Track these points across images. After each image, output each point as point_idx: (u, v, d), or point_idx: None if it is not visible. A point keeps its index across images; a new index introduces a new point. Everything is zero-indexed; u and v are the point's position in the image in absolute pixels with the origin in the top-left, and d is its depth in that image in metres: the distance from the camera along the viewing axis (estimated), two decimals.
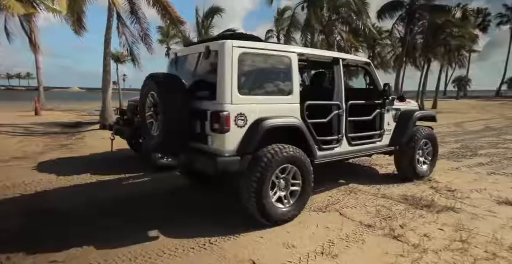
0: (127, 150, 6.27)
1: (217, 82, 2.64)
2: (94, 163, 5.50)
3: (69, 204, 3.41)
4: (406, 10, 15.65)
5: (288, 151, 2.77)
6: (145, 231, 2.72)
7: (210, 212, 3.19)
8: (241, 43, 2.71)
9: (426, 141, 4.19)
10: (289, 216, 2.86)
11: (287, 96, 2.97)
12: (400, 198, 3.47)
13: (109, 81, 10.13)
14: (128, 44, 10.77)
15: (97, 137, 8.44)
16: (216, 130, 2.61)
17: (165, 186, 4.13)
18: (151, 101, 2.98)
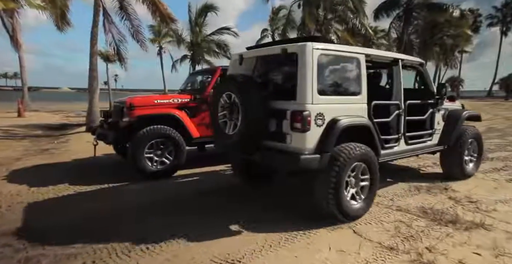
0: (113, 154, 5.79)
1: (298, 83, 2.73)
2: (75, 171, 4.99)
3: (34, 225, 2.92)
4: (403, 9, 15.43)
5: (361, 150, 2.89)
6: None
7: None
8: (319, 45, 2.81)
9: (472, 141, 4.30)
10: (361, 212, 2.97)
11: (356, 96, 3.08)
12: (418, 211, 3.07)
13: (96, 81, 9.57)
14: (115, 42, 10.22)
15: (82, 141, 7.88)
16: (297, 129, 2.71)
17: (157, 197, 3.66)
18: (226, 102, 3.10)
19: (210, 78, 5.14)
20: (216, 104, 3.22)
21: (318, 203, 2.88)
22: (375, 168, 3.02)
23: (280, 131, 2.85)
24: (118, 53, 10.47)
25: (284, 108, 2.80)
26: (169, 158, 4.54)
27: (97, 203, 3.50)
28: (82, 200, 3.62)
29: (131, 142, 4.31)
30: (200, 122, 4.89)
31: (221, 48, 16.09)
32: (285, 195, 3.74)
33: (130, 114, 4.36)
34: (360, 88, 3.08)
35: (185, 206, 3.38)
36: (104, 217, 3.08)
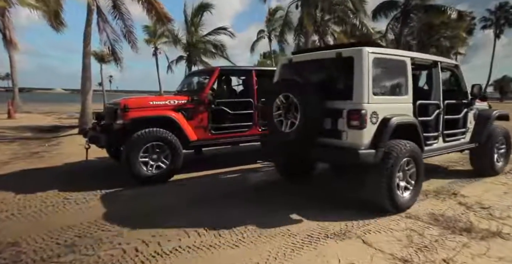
0: (107, 158, 5.57)
1: (355, 84, 2.99)
2: (66, 176, 4.77)
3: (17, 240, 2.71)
4: (400, 10, 15.41)
5: (410, 146, 3.11)
6: None
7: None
8: (373, 50, 3.07)
9: (501, 138, 4.55)
10: (410, 204, 3.20)
11: (404, 96, 3.34)
12: (429, 218, 2.92)
13: (90, 81, 9.33)
14: (110, 42, 9.98)
15: (75, 144, 7.63)
16: (354, 127, 2.95)
17: (148, 208, 3.46)
18: (283, 102, 3.35)
19: (208, 79, 4.96)
20: (272, 105, 3.45)
21: (371, 195, 3.13)
22: (421, 163, 3.26)
23: (335, 129, 3.10)
24: (114, 53, 10.22)
25: (340, 107, 3.06)
26: (165, 162, 4.34)
27: (85, 214, 3.30)
28: (66, 211, 3.40)
29: (125, 146, 4.11)
30: (197, 125, 4.70)
31: (217, 49, 15.89)
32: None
33: (124, 116, 4.16)
34: (407, 88, 3.35)
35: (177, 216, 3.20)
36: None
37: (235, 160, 5.86)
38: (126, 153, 4.08)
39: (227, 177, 4.70)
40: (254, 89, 5.21)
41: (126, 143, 4.11)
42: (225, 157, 6.24)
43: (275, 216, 3.07)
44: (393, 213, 3.03)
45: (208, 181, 4.45)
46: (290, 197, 3.62)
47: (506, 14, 42.32)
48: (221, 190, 4.00)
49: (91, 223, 3.00)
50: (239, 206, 3.40)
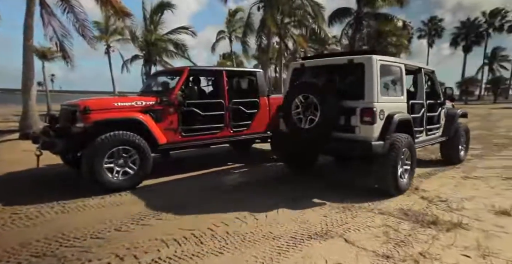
0: (60, 165, 5.03)
1: (366, 86, 3.57)
2: (11, 187, 4.20)
3: None
4: (354, 17, 16.44)
5: (408, 139, 3.75)
6: None
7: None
8: (379, 57, 3.69)
9: (463, 133, 5.42)
10: (406, 187, 3.82)
11: (400, 97, 3.98)
12: (399, 213, 3.13)
13: (32, 80, 8.33)
14: (57, 37, 9.01)
15: (17, 150, 6.79)
16: (366, 122, 3.53)
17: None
18: (302, 102, 3.83)
19: (177, 79, 4.74)
20: (290, 104, 3.93)
21: (377, 181, 3.76)
22: (414, 153, 3.92)
23: (348, 124, 3.67)
24: (62, 50, 9.24)
25: (353, 106, 3.62)
26: (132, 167, 4.06)
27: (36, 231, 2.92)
28: (24, 226, 2.99)
29: (87, 151, 3.75)
30: (167, 127, 4.47)
31: (178, 48, 15.31)
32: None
33: (85, 119, 3.78)
34: (402, 90, 4.01)
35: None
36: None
37: (204, 162, 5.72)
38: (88, 159, 3.72)
39: (198, 180, 4.54)
40: (225, 90, 5.12)
41: (88, 148, 3.75)
42: (194, 159, 6.04)
43: (257, 219, 3.05)
44: (395, 196, 3.63)
45: (179, 186, 4.25)
46: (268, 197, 3.63)
47: (435, 27, 47.88)
48: (194, 195, 3.85)
49: (49, 239, 2.67)
50: (216, 210, 3.30)
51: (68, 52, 9.41)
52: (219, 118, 5.05)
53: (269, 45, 13.96)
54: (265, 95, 5.68)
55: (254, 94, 5.57)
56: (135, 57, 25.21)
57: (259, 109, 5.54)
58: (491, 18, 44.93)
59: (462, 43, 47.87)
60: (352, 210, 3.28)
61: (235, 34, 25.26)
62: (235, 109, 5.21)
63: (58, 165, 5.09)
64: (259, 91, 5.61)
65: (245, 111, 5.34)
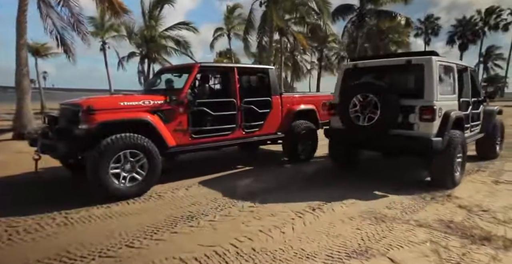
0: (59, 168, 4.66)
1: (426, 86, 3.79)
2: (6, 194, 3.82)
3: None
4: (356, 13, 16.15)
5: (462, 135, 4.05)
6: None
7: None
8: (438, 58, 3.93)
9: (500, 129, 5.63)
10: (459, 181, 4.08)
11: (453, 95, 4.18)
12: (441, 226, 2.84)
13: (27, 77, 7.88)
14: (57, 30, 8.52)
15: (10, 151, 6.39)
16: (426, 120, 3.74)
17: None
18: (360, 100, 4.05)
19: (187, 77, 4.39)
20: (348, 103, 4.15)
21: (436, 175, 3.99)
22: (466, 149, 4.18)
23: (406, 122, 3.86)
24: (63, 44, 8.74)
25: (412, 104, 3.82)
26: (140, 172, 3.71)
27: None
28: (23, 242, 2.64)
29: (92, 155, 3.39)
30: (176, 128, 4.13)
31: (180, 45, 14.79)
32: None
33: (89, 120, 3.42)
34: (454, 88, 4.22)
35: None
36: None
37: (212, 165, 5.39)
38: (93, 164, 3.36)
39: (208, 186, 4.21)
40: (237, 88, 4.79)
41: (92, 152, 3.39)
42: (200, 162, 5.70)
43: (284, 232, 2.74)
44: (450, 188, 3.87)
45: (189, 193, 3.92)
46: (289, 205, 3.32)
47: (432, 25, 48.01)
48: (206, 203, 3.52)
49: (52, 259, 2.34)
50: (234, 221, 2.98)
51: (69, 46, 8.90)
52: (230, 119, 4.72)
53: (271, 42, 13.60)
54: (277, 93, 5.36)
55: (266, 93, 5.24)
56: (132, 54, 24.69)
57: (271, 109, 5.22)
58: (486, 16, 45.13)
59: (459, 41, 48.12)
60: (385, 221, 2.98)
61: (233, 31, 24.82)
62: (247, 108, 4.88)
63: (57, 168, 4.72)
64: (272, 89, 5.28)
65: (257, 111, 5.01)
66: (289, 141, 5.43)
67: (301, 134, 5.48)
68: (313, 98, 5.96)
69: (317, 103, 5.92)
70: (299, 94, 5.94)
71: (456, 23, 48.07)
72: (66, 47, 8.90)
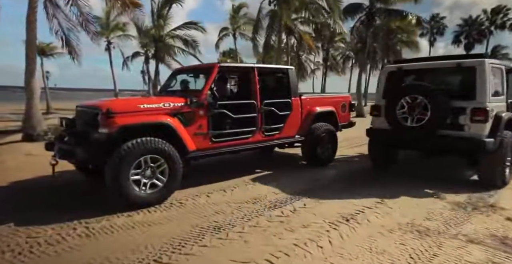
0: (74, 172, 4.48)
1: (478, 88, 3.88)
2: (21, 200, 3.65)
3: None
4: (366, 12, 15.88)
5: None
6: None
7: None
8: (490, 60, 4.00)
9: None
10: (509, 180, 4.18)
11: (502, 97, 4.27)
12: (494, 242, 2.61)
13: (35, 77, 7.72)
14: (63, 30, 8.36)
15: (20, 154, 6.23)
16: (478, 121, 3.83)
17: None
18: (408, 102, 4.15)
19: (207, 77, 4.19)
20: (395, 104, 4.28)
21: (486, 175, 4.06)
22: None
23: (456, 123, 3.97)
24: (69, 44, 8.57)
25: (463, 106, 3.92)
26: (161, 179, 3.53)
27: None
28: (45, 255, 2.46)
29: (111, 161, 3.20)
30: (196, 132, 3.94)
31: (188, 45, 14.59)
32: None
33: (109, 124, 3.24)
34: (503, 90, 4.29)
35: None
36: None
37: (229, 169, 5.20)
38: (113, 170, 3.18)
39: (229, 192, 4.02)
40: (257, 89, 4.59)
41: (112, 158, 3.21)
42: (216, 166, 5.51)
43: (321, 247, 2.54)
44: (499, 188, 4.00)
45: (211, 200, 3.72)
46: (320, 215, 3.12)
47: (437, 25, 47.60)
48: (231, 212, 3.32)
49: None
50: (264, 232, 2.78)
51: (74, 47, 8.73)
52: (250, 121, 4.52)
53: (280, 42, 13.37)
54: (297, 95, 5.16)
55: (285, 94, 5.04)
56: (136, 54, 24.54)
57: (291, 111, 5.02)
58: (493, 16, 44.66)
59: (465, 41, 47.67)
60: (429, 235, 2.77)
61: (239, 30, 24.62)
62: (267, 111, 4.68)
63: (72, 172, 4.53)
64: (291, 90, 5.08)
65: (277, 113, 4.81)
66: (308, 144, 5.23)
67: (321, 137, 5.29)
68: (332, 100, 5.76)
69: (336, 105, 5.72)
70: (318, 95, 5.72)
71: (462, 23, 47.68)
72: (71, 48, 8.73)
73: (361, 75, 17.74)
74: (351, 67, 30.11)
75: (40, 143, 7.17)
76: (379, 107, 4.71)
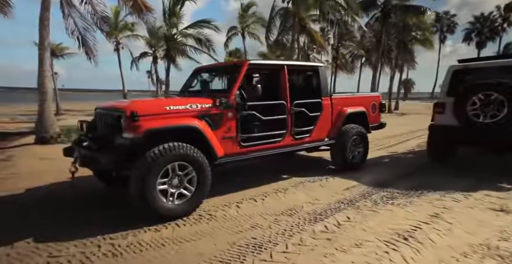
0: (92, 179, 4.18)
1: None
2: (38, 210, 3.35)
3: None
4: (381, 9, 15.39)
5: None
6: None
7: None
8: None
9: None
10: None
11: None
12: None
13: (49, 78, 7.50)
14: (79, 30, 8.11)
15: (34, 157, 5.98)
16: None
17: None
18: (481, 99, 4.40)
19: (236, 76, 3.85)
20: (466, 101, 4.48)
21: None
22: None
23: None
24: (85, 44, 8.33)
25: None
26: (189, 188, 3.21)
27: None
28: None
29: (137, 169, 2.89)
30: (224, 135, 3.61)
31: (202, 44, 14.28)
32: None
33: (134, 128, 2.92)
34: None
35: None
36: None
37: (253, 174, 4.86)
38: (139, 179, 2.86)
39: (261, 202, 3.68)
40: (287, 88, 4.24)
41: (137, 166, 2.89)
42: (239, 172, 5.17)
43: None
44: None
45: (243, 211, 3.39)
46: (372, 231, 2.76)
47: (448, 22, 46.62)
48: (269, 225, 2.98)
49: None
50: (316, 251, 2.43)
51: (91, 47, 8.47)
52: (280, 124, 4.18)
53: (294, 40, 13.00)
54: (327, 94, 4.80)
55: (316, 94, 4.68)
56: (144, 54, 24.41)
57: (321, 112, 4.66)
58: (506, 12, 43.55)
59: (476, 38, 46.61)
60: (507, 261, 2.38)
61: (248, 29, 24.30)
62: (298, 112, 4.32)
63: (90, 178, 4.25)
64: (322, 90, 4.72)
65: (308, 115, 4.46)
66: (339, 148, 4.86)
67: (353, 140, 4.92)
68: (363, 99, 5.38)
69: (367, 105, 5.34)
70: (349, 94, 5.34)
71: (474, 20, 46.65)
72: (88, 48, 8.47)
73: (376, 74, 17.24)
74: (360, 66, 29.55)
75: (53, 146, 6.96)
76: (443, 105, 4.91)
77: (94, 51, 8.52)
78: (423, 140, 7.67)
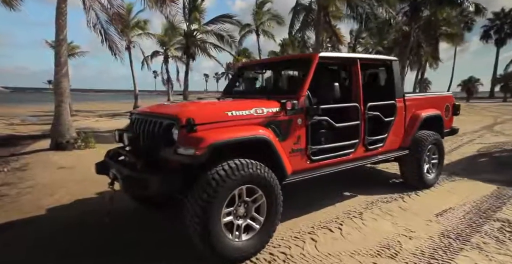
0: (122, 197, 3.44)
1: None
2: (64, 242, 2.61)
3: None
4: (409, 3, 14.41)
5: None
6: None
7: None
8: None
9: None
10: None
11: None
12: None
13: (67, 79, 6.86)
14: (101, 24, 7.45)
15: (52, 166, 5.32)
16: None
17: None
18: None
19: (306, 72, 3.06)
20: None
21: None
22: None
23: None
24: (107, 39, 7.67)
25: None
26: (257, 218, 2.45)
27: None
28: None
29: (196, 196, 2.14)
30: (293, 148, 2.83)
31: (223, 40, 13.54)
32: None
33: (194, 141, 2.16)
34: None
35: None
36: None
37: (310, 193, 4.03)
38: (199, 210, 2.11)
39: (339, 231, 2.89)
40: (360, 88, 3.44)
41: (196, 191, 2.14)
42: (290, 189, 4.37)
43: None
44: None
45: (322, 247, 2.61)
46: None
47: (465, 19, 44.96)
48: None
49: None
50: None
51: (115, 42, 7.79)
52: (353, 131, 3.38)
53: (318, 37, 12.18)
54: (401, 95, 3.98)
55: (389, 94, 3.86)
56: (155, 53, 23.88)
57: (395, 116, 3.84)
58: None
59: (495, 36, 44.85)
60: None
61: (262, 27, 23.53)
62: (372, 117, 3.52)
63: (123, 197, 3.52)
64: (396, 89, 3.90)
65: (382, 120, 3.65)
66: (413, 159, 4.02)
67: (429, 150, 4.10)
68: (436, 100, 4.53)
69: (440, 107, 4.49)
70: (421, 95, 4.52)
71: (493, 17, 44.85)
72: (111, 43, 7.79)
73: (403, 72, 16.27)
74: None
75: (71, 153, 6.30)
76: None
77: (119, 46, 7.85)
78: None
